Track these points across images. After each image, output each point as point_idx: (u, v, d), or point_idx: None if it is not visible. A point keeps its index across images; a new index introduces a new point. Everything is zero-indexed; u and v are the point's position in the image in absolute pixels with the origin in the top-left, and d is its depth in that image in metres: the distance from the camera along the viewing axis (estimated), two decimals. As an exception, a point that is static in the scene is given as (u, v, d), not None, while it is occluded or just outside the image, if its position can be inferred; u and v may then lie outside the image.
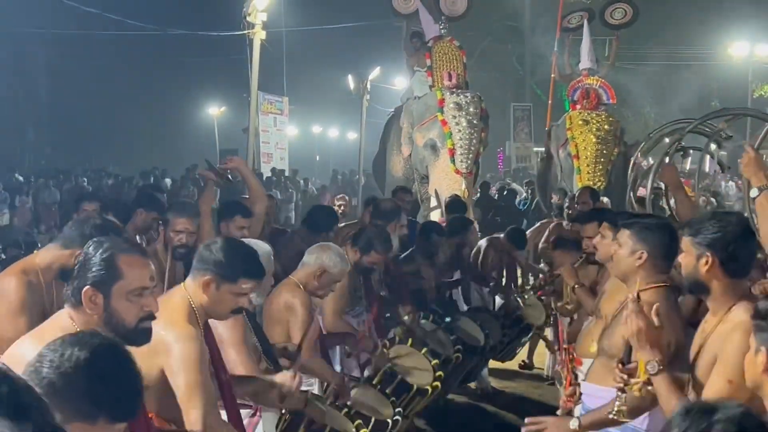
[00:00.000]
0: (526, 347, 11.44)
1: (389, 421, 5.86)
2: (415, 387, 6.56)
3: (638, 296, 4.21)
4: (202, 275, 4.35)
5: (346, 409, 5.69)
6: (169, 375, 4.06)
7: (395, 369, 6.58)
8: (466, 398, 10.33)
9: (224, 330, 5.03)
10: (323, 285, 6.24)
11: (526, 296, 9.23)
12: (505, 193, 22.58)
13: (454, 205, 11.42)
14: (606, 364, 4.78)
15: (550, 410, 8.88)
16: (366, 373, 6.92)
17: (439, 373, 6.80)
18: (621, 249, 4.83)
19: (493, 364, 10.72)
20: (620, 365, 4.25)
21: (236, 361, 4.96)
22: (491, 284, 10.71)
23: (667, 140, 9.00)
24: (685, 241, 4.13)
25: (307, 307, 6.12)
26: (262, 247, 5.41)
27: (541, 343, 11.17)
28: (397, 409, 6.06)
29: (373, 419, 5.72)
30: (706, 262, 4.00)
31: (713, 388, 3.87)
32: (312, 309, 6.26)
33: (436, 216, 12.84)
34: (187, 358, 4.07)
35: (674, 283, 4.74)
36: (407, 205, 11.33)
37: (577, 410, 5.31)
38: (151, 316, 3.65)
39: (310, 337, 6.11)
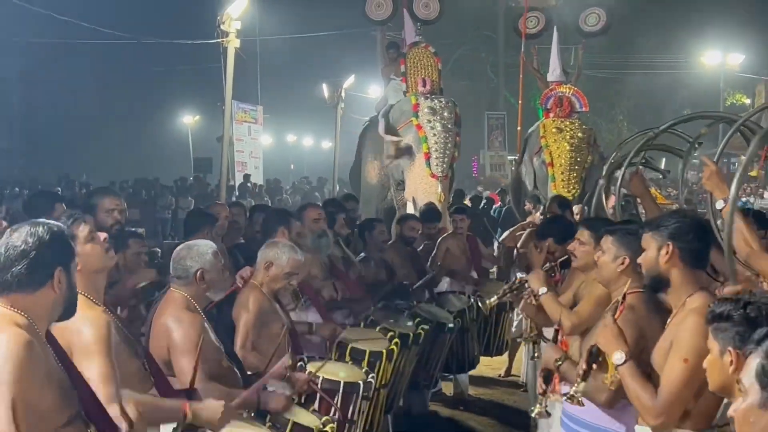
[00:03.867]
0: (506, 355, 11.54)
1: (360, 382, 5.93)
2: (368, 351, 6.59)
3: (624, 298, 4.38)
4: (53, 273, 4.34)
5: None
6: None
7: (349, 343, 6.67)
8: (442, 405, 10.37)
9: (176, 330, 5.10)
10: (274, 277, 6.32)
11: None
12: (482, 203, 22.62)
13: (430, 213, 11.47)
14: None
15: (525, 417, 8.99)
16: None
17: (396, 340, 6.94)
18: (604, 255, 4.98)
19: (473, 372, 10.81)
20: (589, 353, 4.39)
21: (184, 371, 4.93)
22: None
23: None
24: (646, 237, 4.35)
25: (258, 305, 6.18)
26: (203, 244, 5.51)
27: (520, 351, 11.22)
28: (365, 369, 6.20)
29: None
30: (666, 252, 4.22)
31: (670, 369, 4.03)
32: (269, 308, 6.30)
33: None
34: (95, 343, 4.09)
35: None
36: (351, 213, 11.39)
37: (557, 414, 5.36)
38: None
39: (276, 333, 6.18)
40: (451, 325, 8.71)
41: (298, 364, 6.04)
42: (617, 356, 4.20)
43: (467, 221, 11.14)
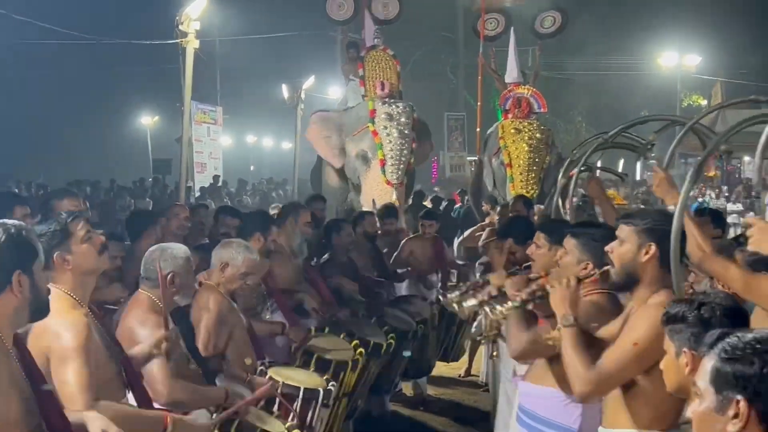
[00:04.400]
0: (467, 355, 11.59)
1: (320, 389, 5.92)
2: (334, 361, 6.60)
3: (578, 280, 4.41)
4: (55, 258, 4.28)
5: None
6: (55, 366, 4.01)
7: (316, 351, 6.67)
8: (403, 405, 10.39)
9: (142, 332, 5.08)
10: (231, 278, 6.28)
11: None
12: (443, 205, 22.62)
13: (387, 211, 11.48)
14: (544, 365, 4.89)
15: (485, 417, 9.04)
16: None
17: (360, 350, 6.94)
18: (567, 256, 4.98)
19: (434, 371, 10.86)
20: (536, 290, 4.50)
21: (154, 374, 4.90)
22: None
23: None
24: (627, 230, 4.31)
25: (218, 306, 6.15)
26: (176, 248, 5.49)
27: (480, 351, 11.27)
28: (330, 383, 6.16)
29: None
30: (647, 252, 4.22)
31: (617, 347, 4.07)
32: (228, 308, 6.27)
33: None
34: (73, 348, 4.04)
35: None
36: (321, 213, 11.38)
37: (513, 412, 5.40)
38: None
39: (237, 334, 6.17)
40: (407, 353, 8.71)
41: (259, 368, 6.05)
42: (567, 317, 4.22)
43: (435, 226, 11.14)
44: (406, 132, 13.67)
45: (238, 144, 53.33)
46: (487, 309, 4.68)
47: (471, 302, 5.23)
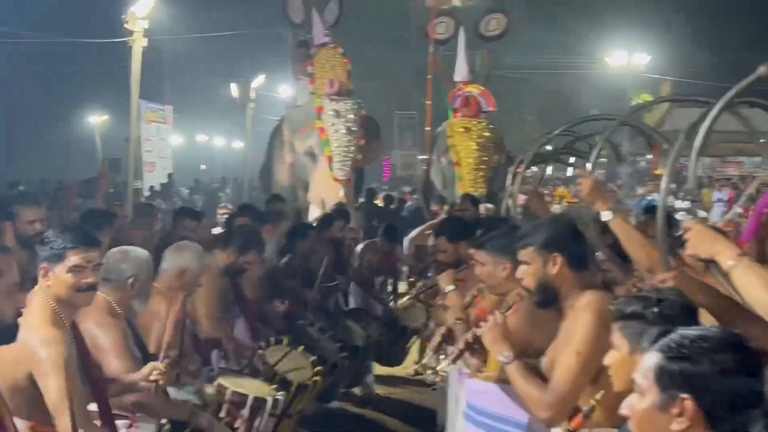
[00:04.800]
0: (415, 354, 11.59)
1: (268, 398, 5.92)
2: (295, 384, 6.57)
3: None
4: (40, 268, 4.34)
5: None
6: (39, 380, 4.02)
7: (278, 374, 6.61)
8: (350, 405, 10.37)
9: (102, 335, 5.03)
10: (186, 285, 6.23)
11: (402, 299, 9.34)
12: (393, 203, 22.64)
13: (337, 214, 11.47)
14: (491, 361, 4.91)
15: (433, 415, 9.05)
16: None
17: (318, 368, 6.88)
18: (485, 266, 5.01)
19: (380, 370, 10.85)
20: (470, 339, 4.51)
21: (118, 368, 4.90)
22: (371, 287, 10.83)
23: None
24: (527, 253, 4.33)
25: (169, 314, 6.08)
26: (140, 252, 5.45)
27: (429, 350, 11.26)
28: (279, 392, 6.17)
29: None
30: (554, 264, 4.24)
31: (563, 363, 4.07)
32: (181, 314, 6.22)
33: (319, 224, 12.87)
34: (54, 363, 4.03)
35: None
36: (282, 214, 11.35)
37: (460, 409, 5.41)
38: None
39: (186, 345, 6.13)
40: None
41: (211, 374, 6.03)
42: (504, 356, 4.24)
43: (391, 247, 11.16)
44: (353, 129, 13.68)
45: (189, 143, 52.90)
46: (422, 367, 4.72)
47: (403, 301, 5.34)
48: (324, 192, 13.24)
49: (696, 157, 3.85)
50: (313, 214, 13.44)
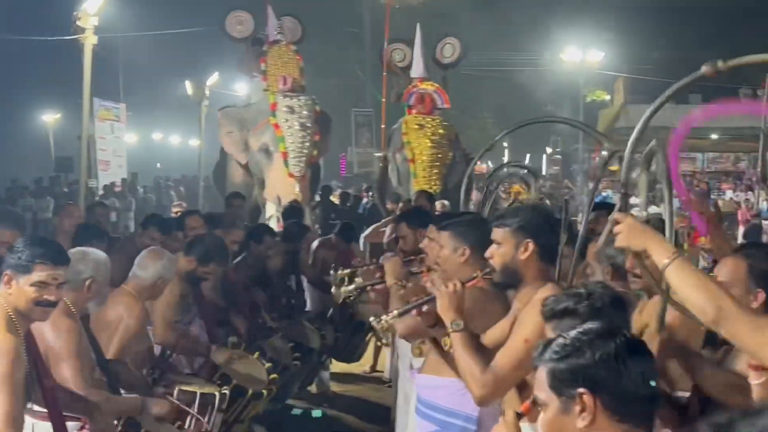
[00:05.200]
0: (372, 352, 11.60)
1: (216, 393, 5.94)
2: (250, 392, 6.55)
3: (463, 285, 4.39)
4: (3, 274, 4.31)
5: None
6: None
7: (234, 378, 6.61)
8: (305, 402, 10.35)
9: (56, 340, 4.94)
10: (158, 292, 6.27)
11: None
12: (349, 200, 22.65)
13: (291, 211, 11.45)
14: (439, 357, 4.90)
15: (388, 411, 9.06)
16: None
17: (273, 375, 6.89)
18: (444, 249, 5.00)
19: (336, 367, 10.85)
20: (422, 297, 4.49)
21: (67, 378, 4.85)
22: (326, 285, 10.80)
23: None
24: (501, 233, 4.33)
25: (141, 321, 6.08)
26: (98, 254, 5.40)
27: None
28: (224, 388, 6.18)
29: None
30: (525, 249, 4.24)
31: (508, 347, 4.08)
32: (146, 321, 6.20)
33: (274, 222, 12.83)
34: (1, 376, 4.02)
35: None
36: (242, 210, 11.30)
37: (412, 404, 5.41)
38: None
39: (138, 349, 6.08)
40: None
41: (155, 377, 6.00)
42: (456, 323, 4.21)
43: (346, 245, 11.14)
44: (307, 125, 13.68)
45: (144, 141, 52.59)
46: (372, 321, 4.67)
47: (348, 288, 5.31)
48: (279, 188, 13.22)
49: (630, 153, 3.83)
50: (270, 210, 13.41)
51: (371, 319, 4.67)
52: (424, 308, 4.51)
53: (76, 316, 5.16)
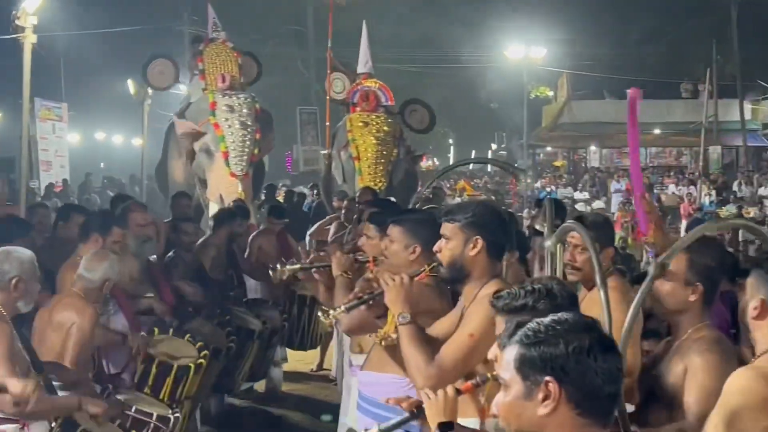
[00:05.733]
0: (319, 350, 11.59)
1: (170, 416, 5.94)
2: (175, 366, 6.56)
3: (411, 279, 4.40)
4: None
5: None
6: None
7: (157, 356, 6.59)
8: (251, 402, 10.33)
9: None
10: (106, 291, 6.23)
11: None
12: (294, 198, 22.56)
13: (238, 211, 11.40)
14: (381, 353, 4.90)
15: (336, 409, 9.04)
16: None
17: (205, 352, 6.87)
18: (393, 244, 5.00)
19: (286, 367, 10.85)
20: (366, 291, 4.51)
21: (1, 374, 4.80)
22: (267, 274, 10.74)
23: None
24: (451, 228, 4.33)
25: (93, 324, 6.01)
26: (23, 252, 5.33)
27: (332, 345, 11.28)
28: (174, 407, 6.19)
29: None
30: (474, 246, 4.25)
31: (454, 340, 4.12)
32: (96, 323, 6.12)
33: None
34: None
35: None
36: (188, 210, 11.22)
37: (353, 401, 5.41)
38: None
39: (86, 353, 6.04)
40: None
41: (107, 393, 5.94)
42: (403, 316, 4.21)
43: (280, 224, 11.10)
44: (248, 123, 13.61)
45: (87, 141, 52.05)
46: (320, 315, 4.66)
47: (293, 266, 5.31)
48: (222, 188, 13.16)
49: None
50: (213, 210, 13.33)
51: (319, 313, 4.67)
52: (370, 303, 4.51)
53: (6, 318, 5.11)
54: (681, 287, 4.07)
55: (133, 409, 5.77)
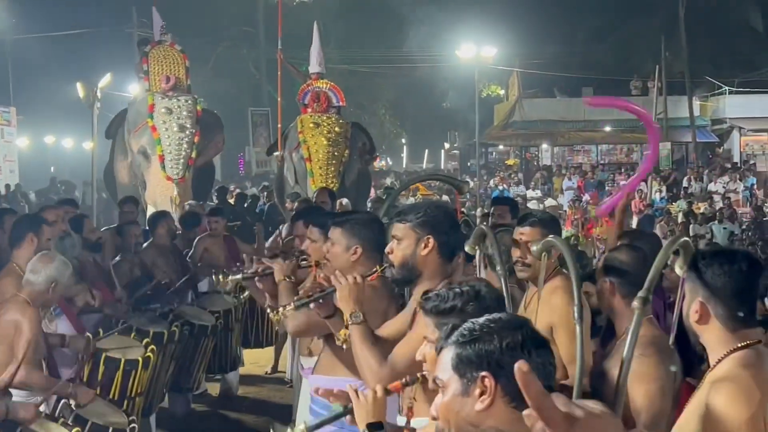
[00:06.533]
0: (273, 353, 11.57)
1: (126, 430, 5.92)
2: (123, 359, 6.57)
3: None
4: None
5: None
6: None
7: (103, 352, 6.60)
8: (207, 405, 10.30)
9: None
10: (57, 296, 6.15)
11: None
12: (247, 200, 22.47)
13: (189, 216, 11.40)
14: (332, 355, 4.89)
15: (290, 412, 9.04)
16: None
17: (152, 347, 6.89)
18: (334, 246, 4.97)
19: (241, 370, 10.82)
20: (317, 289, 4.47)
21: None
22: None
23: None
24: (402, 228, 4.34)
25: (36, 325, 5.96)
26: None
27: (286, 347, 11.26)
28: (131, 417, 6.15)
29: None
30: (425, 245, 4.26)
31: (406, 341, 4.12)
32: (41, 329, 6.07)
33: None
34: None
35: None
36: (133, 215, 11.16)
37: (305, 404, 5.40)
38: None
39: (39, 355, 5.98)
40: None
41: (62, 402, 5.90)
42: (355, 315, 4.20)
43: (222, 222, 11.09)
44: (186, 125, 13.59)
45: (37, 145, 51.51)
46: (270, 313, 4.65)
47: (235, 276, 5.31)
48: (158, 192, 13.13)
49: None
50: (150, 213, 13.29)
51: (268, 311, 4.65)
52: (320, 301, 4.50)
53: None
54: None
55: (89, 425, 5.71)
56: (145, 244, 9.84)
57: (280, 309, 4.53)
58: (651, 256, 4.11)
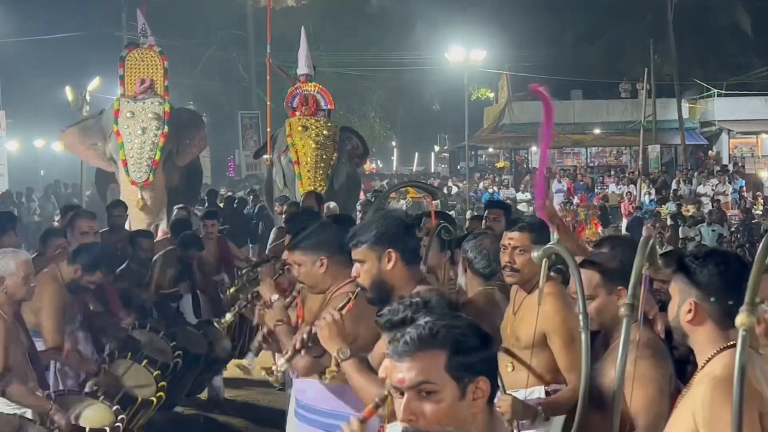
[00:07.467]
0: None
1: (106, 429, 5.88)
2: (139, 399, 6.50)
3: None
4: None
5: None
6: None
7: (119, 386, 6.58)
8: (195, 409, 10.26)
9: None
10: (12, 291, 5.89)
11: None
12: (235, 203, 22.47)
13: (179, 223, 11.37)
14: (313, 359, 4.89)
15: (281, 415, 8.99)
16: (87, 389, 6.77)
17: (162, 383, 6.83)
18: (301, 268, 4.96)
19: (226, 372, 10.76)
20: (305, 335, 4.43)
21: None
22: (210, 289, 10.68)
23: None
24: (360, 251, 4.34)
25: (3, 333, 5.79)
26: None
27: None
28: (120, 417, 6.09)
29: None
30: (389, 259, 4.27)
31: None
32: (13, 332, 5.98)
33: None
34: None
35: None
36: (121, 220, 11.14)
37: (291, 406, 5.39)
38: None
39: (18, 360, 5.94)
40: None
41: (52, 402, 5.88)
42: (342, 352, 4.16)
43: (217, 225, 11.07)
44: (149, 127, 13.55)
45: (26, 149, 51.39)
46: (266, 375, 4.64)
47: (228, 316, 5.31)
48: (125, 196, 13.09)
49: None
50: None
51: (263, 373, 4.66)
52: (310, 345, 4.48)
53: None
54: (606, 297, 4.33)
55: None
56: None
57: (274, 368, 4.53)
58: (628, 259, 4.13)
